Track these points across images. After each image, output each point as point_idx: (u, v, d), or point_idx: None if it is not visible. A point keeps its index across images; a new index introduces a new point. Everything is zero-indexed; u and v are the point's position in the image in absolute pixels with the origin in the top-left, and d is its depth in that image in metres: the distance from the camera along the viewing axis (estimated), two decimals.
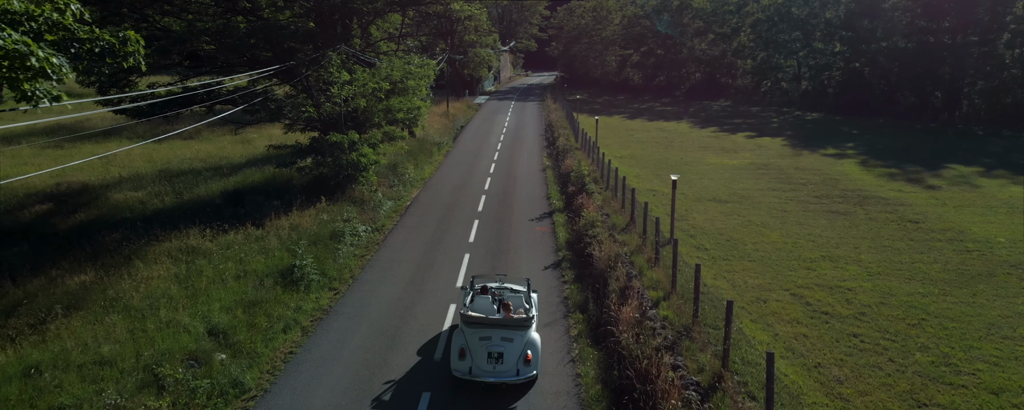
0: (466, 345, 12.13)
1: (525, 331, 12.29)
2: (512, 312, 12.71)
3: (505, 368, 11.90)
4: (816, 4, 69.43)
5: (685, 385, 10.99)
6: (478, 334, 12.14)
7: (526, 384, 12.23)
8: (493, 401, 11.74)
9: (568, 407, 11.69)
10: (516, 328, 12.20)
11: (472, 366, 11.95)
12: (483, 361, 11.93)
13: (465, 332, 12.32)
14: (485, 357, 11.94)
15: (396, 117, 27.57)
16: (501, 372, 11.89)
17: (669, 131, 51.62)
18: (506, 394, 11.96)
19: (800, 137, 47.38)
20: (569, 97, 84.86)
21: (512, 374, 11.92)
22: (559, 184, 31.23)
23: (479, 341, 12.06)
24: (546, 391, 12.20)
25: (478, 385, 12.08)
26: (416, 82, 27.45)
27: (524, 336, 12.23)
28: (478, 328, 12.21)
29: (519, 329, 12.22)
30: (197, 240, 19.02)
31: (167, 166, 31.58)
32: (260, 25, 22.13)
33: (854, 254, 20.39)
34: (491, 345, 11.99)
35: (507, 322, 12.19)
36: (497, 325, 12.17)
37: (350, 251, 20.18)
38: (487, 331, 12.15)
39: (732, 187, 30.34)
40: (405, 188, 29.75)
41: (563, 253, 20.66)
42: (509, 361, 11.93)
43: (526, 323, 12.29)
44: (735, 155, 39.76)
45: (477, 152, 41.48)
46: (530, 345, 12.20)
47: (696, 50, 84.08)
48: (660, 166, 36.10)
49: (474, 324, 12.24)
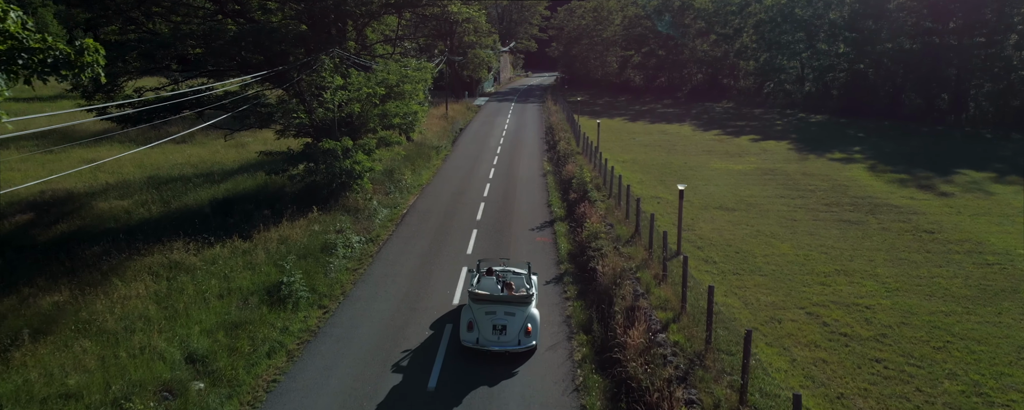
0: (474, 319, 13.75)
1: (526, 307, 14.00)
2: (514, 291, 14.31)
3: (508, 339, 13.56)
4: (820, 5, 68.50)
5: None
6: (484, 309, 13.77)
7: (526, 352, 13.80)
8: (498, 367, 13.35)
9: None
10: (518, 304, 13.90)
11: (479, 337, 13.57)
12: (489, 332, 13.57)
13: (473, 308, 13.92)
14: (490, 329, 13.58)
15: (392, 122, 26.67)
16: (505, 342, 13.53)
17: (672, 134, 50.71)
18: (509, 361, 13.56)
19: (806, 140, 46.47)
20: (569, 98, 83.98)
21: (514, 344, 13.58)
22: (560, 190, 30.33)
23: (485, 315, 13.69)
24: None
25: (484, 353, 13.61)
26: (413, 86, 26.53)
27: (525, 311, 13.93)
28: (484, 304, 13.85)
29: (520, 305, 13.93)
30: (180, 254, 18.09)
31: (156, 173, 30.67)
32: (249, 28, 21.20)
33: (869, 267, 19.48)
34: (496, 319, 13.64)
35: (510, 299, 13.86)
36: (501, 301, 13.84)
37: (342, 264, 19.27)
38: (492, 307, 13.78)
39: (739, 194, 29.42)
40: (402, 195, 28.84)
41: (565, 266, 19.75)
42: (512, 332, 13.61)
43: (527, 300, 14.00)
44: (740, 159, 38.85)
45: (476, 156, 40.58)
46: (530, 319, 13.87)
47: (698, 51, 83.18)
48: (664, 171, 35.19)
49: (481, 301, 13.88)
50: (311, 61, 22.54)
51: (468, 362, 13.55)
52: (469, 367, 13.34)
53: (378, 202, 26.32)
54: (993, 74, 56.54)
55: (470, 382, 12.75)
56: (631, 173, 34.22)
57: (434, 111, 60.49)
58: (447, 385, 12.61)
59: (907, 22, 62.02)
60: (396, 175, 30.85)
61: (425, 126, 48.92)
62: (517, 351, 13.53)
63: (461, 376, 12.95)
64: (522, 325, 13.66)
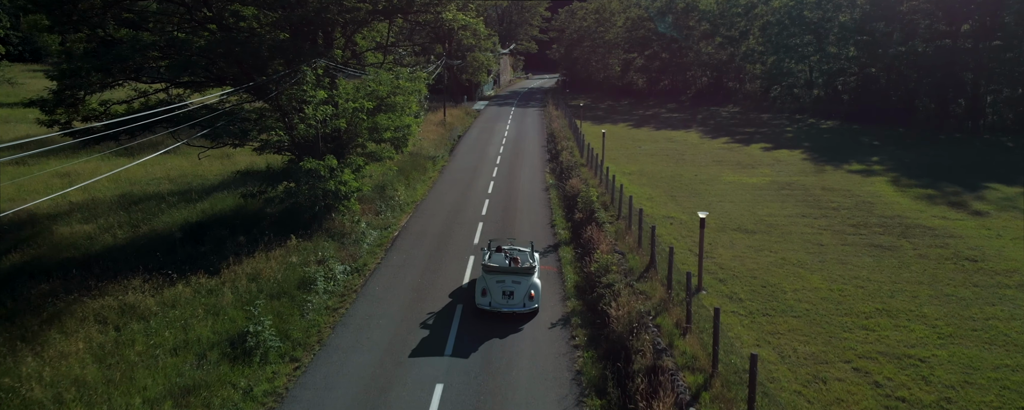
0: (487, 287, 16.56)
1: (529, 276, 16.81)
2: (520, 264, 17.25)
3: (515, 302, 16.42)
4: (829, 7, 66.40)
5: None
6: (495, 278, 16.62)
7: (530, 313, 16.75)
8: (506, 324, 16.20)
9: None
10: (523, 274, 16.73)
11: (491, 301, 16.42)
12: (499, 297, 16.42)
13: (485, 278, 16.73)
14: (500, 294, 16.41)
15: (383, 137, 24.54)
16: (512, 305, 16.38)
17: (678, 142, 48.60)
18: (515, 320, 16.43)
19: (820, 149, 44.35)
20: (571, 103, 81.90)
21: (520, 306, 16.42)
22: (564, 208, 28.22)
23: (496, 283, 16.54)
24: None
25: (496, 314, 16.53)
26: (405, 98, 24.39)
27: (529, 280, 16.74)
28: (495, 274, 16.70)
29: (525, 275, 16.75)
30: (137, 295, 15.95)
31: (130, 190, 28.52)
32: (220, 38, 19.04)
33: (914, 305, 17.36)
34: (505, 286, 16.47)
35: (516, 270, 16.73)
36: (509, 272, 16.69)
37: (322, 302, 17.15)
38: (501, 276, 16.63)
39: (757, 212, 27.30)
40: (394, 213, 26.70)
41: (573, 304, 17.62)
42: (518, 297, 16.45)
43: (530, 271, 16.83)
44: (753, 171, 36.73)
45: (475, 168, 38.45)
46: (533, 286, 16.69)
47: (702, 54, 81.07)
48: (674, 185, 33.05)
49: (492, 272, 16.73)
50: (290, 73, 20.41)
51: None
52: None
53: (367, 224, 24.20)
54: (1012, 79, 54.40)
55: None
56: (639, 188, 32.08)
57: (431, 117, 58.40)
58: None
59: (920, 25, 59.95)
60: (388, 191, 28.72)
61: (421, 134, 46.83)
62: (523, 312, 16.54)
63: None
64: (526, 291, 16.59)
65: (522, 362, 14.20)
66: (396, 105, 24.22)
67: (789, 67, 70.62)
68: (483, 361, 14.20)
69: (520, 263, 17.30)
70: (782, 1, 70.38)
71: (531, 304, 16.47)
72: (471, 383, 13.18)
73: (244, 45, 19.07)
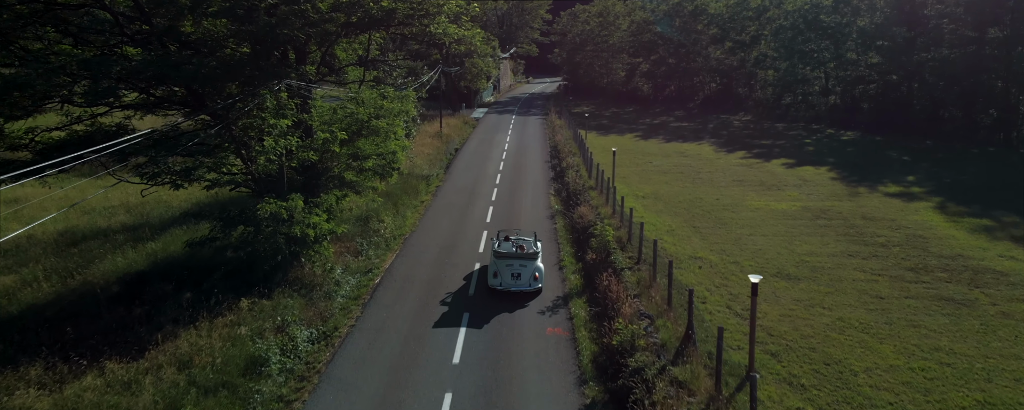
0: (497, 270, 19.40)
1: (534, 260, 19.56)
2: (525, 250, 19.82)
3: (522, 283, 19.36)
4: (847, 11, 62.85)
5: None
6: (504, 263, 19.42)
7: (535, 292, 19.57)
8: (515, 301, 19.13)
9: None
10: (528, 259, 19.52)
11: (501, 281, 19.31)
12: (508, 278, 19.34)
13: (496, 263, 19.49)
14: (509, 276, 19.34)
15: (365, 165, 20.96)
16: (519, 285, 19.34)
17: (692, 156, 45.01)
18: (523, 297, 19.34)
19: (847, 166, 40.77)
20: (574, 110, 78.34)
21: (527, 286, 19.37)
22: (573, 243, 24.65)
23: (505, 266, 19.39)
24: None
25: (505, 293, 19.39)
26: (389, 122, 20.80)
27: (533, 263, 19.53)
28: (504, 259, 19.46)
29: (530, 259, 19.53)
30: (25, 396, 12.32)
31: (75, 224, 24.87)
32: (152, 58, 15.43)
33: (1020, 393, 13.78)
34: (513, 269, 19.37)
35: (522, 255, 19.48)
36: (516, 257, 19.47)
37: (274, 391, 13.57)
38: (510, 261, 19.44)
39: (796, 250, 23.72)
40: (378, 252, 23.06)
41: (592, 393, 14.02)
42: (524, 278, 19.37)
43: (534, 256, 19.55)
44: (780, 194, 33.14)
45: (472, 189, 34.88)
46: (537, 269, 19.55)
47: (711, 59, 77.52)
48: (695, 212, 29.46)
49: (502, 257, 19.47)
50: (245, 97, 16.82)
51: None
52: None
53: (343, 269, 20.60)
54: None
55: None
56: (656, 216, 28.47)
57: (426, 128, 54.85)
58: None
59: (945, 30, 56.43)
60: (372, 224, 25.13)
61: (415, 148, 43.30)
62: (529, 291, 19.34)
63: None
64: (532, 273, 19.38)
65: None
66: (380, 129, 20.62)
67: (804, 74, 67.07)
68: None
69: (525, 250, 20.03)
70: (796, 4, 66.91)
71: (536, 284, 19.54)
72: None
73: (177, 68, 15.40)
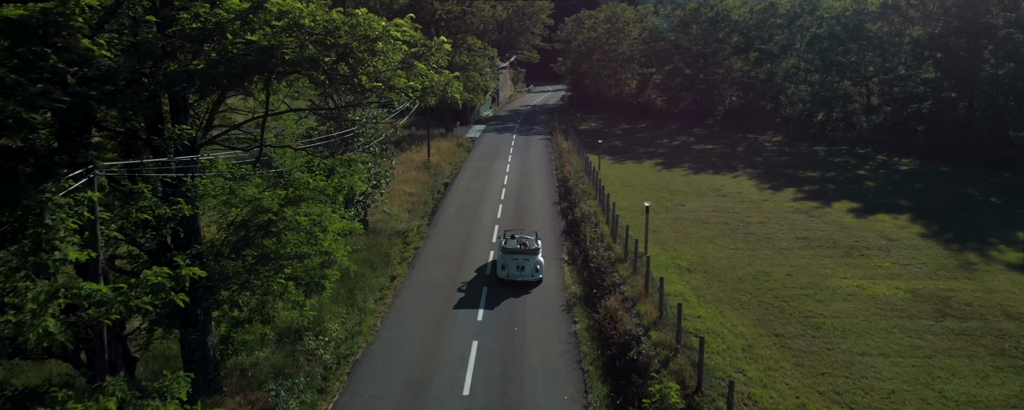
0: (504, 263, 23.38)
1: (535, 255, 23.54)
2: (528, 246, 23.75)
3: (526, 274, 23.22)
4: (896, 19, 54.86)
5: None
6: (511, 257, 23.34)
7: (537, 282, 23.40)
8: (520, 288, 22.85)
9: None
10: (531, 253, 23.47)
11: (508, 273, 23.21)
12: (514, 270, 23.20)
13: (504, 257, 23.51)
14: (515, 268, 23.20)
15: (273, 284, 12.85)
16: (524, 275, 23.20)
17: (731, 196, 36.92)
18: (526, 286, 23.12)
19: (930, 213, 32.65)
20: (581, 126, 70.26)
21: (530, 276, 23.27)
22: (603, 364, 16.60)
23: (511, 260, 23.29)
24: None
25: (512, 282, 23.18)
26: (318, 215, 12.72)
27: (535, 258, 23.51)
28: (511, 254, 23.40)
29: (532, 254, 23.49)
30: None
31: None
32: None
33: None
34: (518, 262, 23.25)
35: (525, 250, 23.46)
36: (520, 252, 23.39)
37: None
38: (515, 256, 23.34)
39: (946, 393, 15.61)
40: (302, 406, 14.85)
41: None
42: (528, 270, 23.25)
43: (536, 251, 23.62)
44: (868, 264, 25.08)
45: (461, 252, 26.82)
46: (538, 263, 23.56)
47: (734, 71, 69.47)
48: (767, 302, 21.33)
49: (509, 252, 23.45)
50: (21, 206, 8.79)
51: None
52: None
53: None
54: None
55: None
56: (717, 312, 20.33)
57: (412, 156, 46.79)
58: None
59: (1018, 41, 48.41)
60: (306, 341, 16.98)
61: (394, 186, 35.21)
62: (531, 281, 23.33)
63: None
64: (534, 265, 23.36)
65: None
66: (299, 226, 12.54)
67: (844, 89, 59.09)
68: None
69: (528, 246, 23.78)
70: (835, 11, 58.94)
71: (537, 275, 23.45)
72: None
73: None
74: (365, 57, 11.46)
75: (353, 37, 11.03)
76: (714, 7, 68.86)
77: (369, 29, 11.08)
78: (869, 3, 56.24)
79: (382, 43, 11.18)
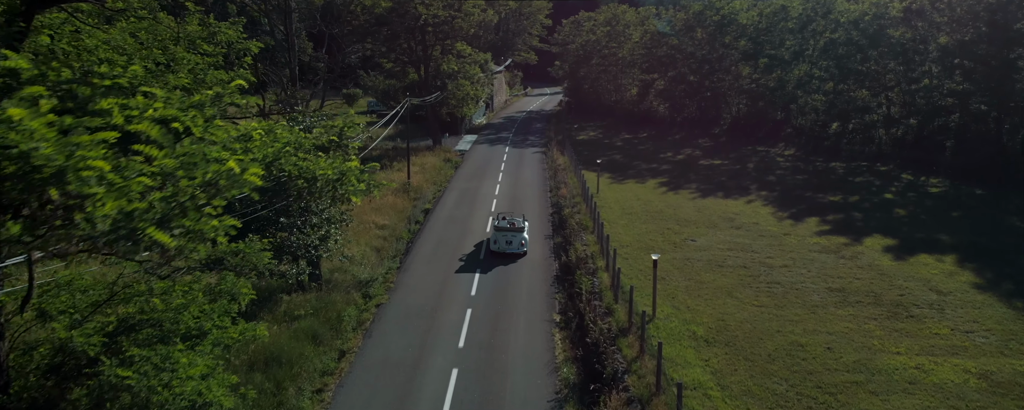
0: (495, 239, 28.13)
1: (521, 233, 28.22)
2: (516, 226, 28.33)
3: (514, 247, 27.96)
4: (921, 25, 50.47)
5: None
6: (501, 234, 28.17)
7: (523, 254, 28.10)
8: (508, 259, 27.63)
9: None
10: (517, 231, 28.19)
11: (499, 246, 27.92)
12: (504, 244, 27.95)
13: (495, 234, 28.29)
14: (505, 242, 27.98)
15: None
16: (512, 248, 27.97)
17: (747, 228, 32.61)
18: (515, 257, 27.94)
19: (976, 253, 28.33)
20: (578, 136, 65.95)
21: (517, 249, 28.03)
22: None
23: (502, 236, 28.12)
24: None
25: (502, 254, 27.92)
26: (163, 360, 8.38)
27: (521, 234, 28.18)
28: (502, 232, 28.22)
29: (518, 232, 28.19)
30: None
31: None
32: None
33: None
34: (507, 237, 28.07)
35: (513, 228, 28.27)
36: (509, 229, 28.24)
37: None
38: (506, 233, 28.18)
39: None
40: None
41: None
42: (515, 244, 27.99)
43: (521, 229, 28.34)
44: (922, 331, 20.78)
45: (432, 312, 22.46)
46: (523, 238, 28.21)
47: (742, 78, 65.10)
48: (806, 393, 17.03)
49: (500, 230, 28.28)
50: None
51: None
52: None
53: None
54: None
55: None
56: (742, 403, 16.01)
57: (393, 174, 42.45)
58: None
59: None
60: None
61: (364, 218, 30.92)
62: (518, 253, 28.01)
63: None
64: (520, 240, 28.08)
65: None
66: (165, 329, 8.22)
67: (863, 99, 54.77)
68: None
69: (516, 226, 28.42)
70: (852, 16, 54.56)
71: (522, 248, 28.17)
72: None
73: None
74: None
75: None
76: (720, 10, 64.60)
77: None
78: (891, 8, 51.82)
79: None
